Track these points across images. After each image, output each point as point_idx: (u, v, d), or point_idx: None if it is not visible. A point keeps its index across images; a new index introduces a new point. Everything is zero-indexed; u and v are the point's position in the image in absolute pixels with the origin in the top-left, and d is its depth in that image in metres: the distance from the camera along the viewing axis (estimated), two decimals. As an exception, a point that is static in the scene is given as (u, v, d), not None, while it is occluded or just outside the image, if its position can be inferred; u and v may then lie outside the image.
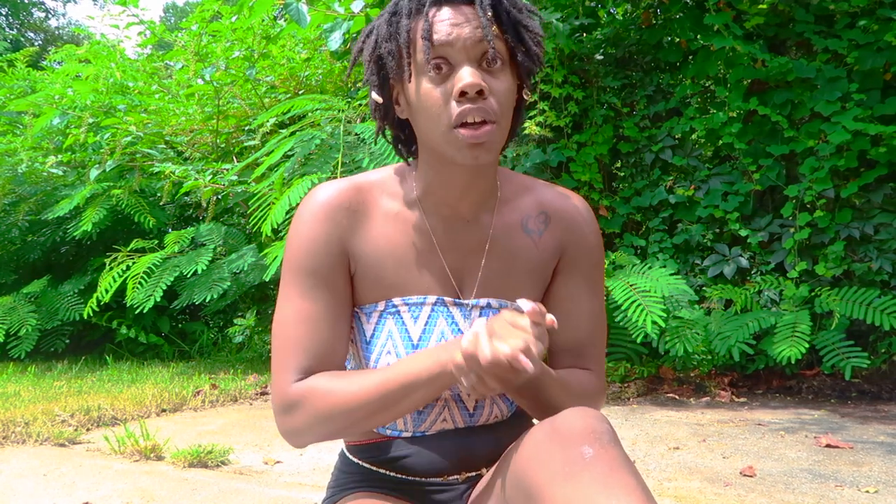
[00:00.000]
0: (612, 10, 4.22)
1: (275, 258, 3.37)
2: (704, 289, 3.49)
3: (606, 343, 1.06)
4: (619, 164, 3.98)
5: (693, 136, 3.77)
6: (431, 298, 0.94)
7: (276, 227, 3.29)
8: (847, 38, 3.29)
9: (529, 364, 0.73)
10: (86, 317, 4.45)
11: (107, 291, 4.19)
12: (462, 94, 0.83)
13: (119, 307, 5.00)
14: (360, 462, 1.01)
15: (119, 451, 2.42)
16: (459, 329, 0.94)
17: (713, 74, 3.73)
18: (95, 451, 2.50)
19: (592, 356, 1.02)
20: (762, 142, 3.51)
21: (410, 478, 0.98)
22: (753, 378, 3.51)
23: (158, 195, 5.18)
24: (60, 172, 5.42)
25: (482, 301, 0.96)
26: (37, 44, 17.56)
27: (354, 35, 2.98)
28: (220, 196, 4.64)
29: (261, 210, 3.52)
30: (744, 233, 3.49)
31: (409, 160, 0.99)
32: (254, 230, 3.89)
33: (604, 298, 1.06)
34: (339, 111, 3.63)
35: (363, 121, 3.63)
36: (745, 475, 2.07)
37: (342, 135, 3.49)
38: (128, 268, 4.27)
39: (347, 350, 0.96)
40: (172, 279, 4.28)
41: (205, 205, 4.66)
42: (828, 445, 2.38)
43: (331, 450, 2.43)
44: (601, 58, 3.95)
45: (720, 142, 3.69)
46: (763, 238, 3.49)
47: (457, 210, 0.95)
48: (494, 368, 0.75)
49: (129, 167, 5.18)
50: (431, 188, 0.95)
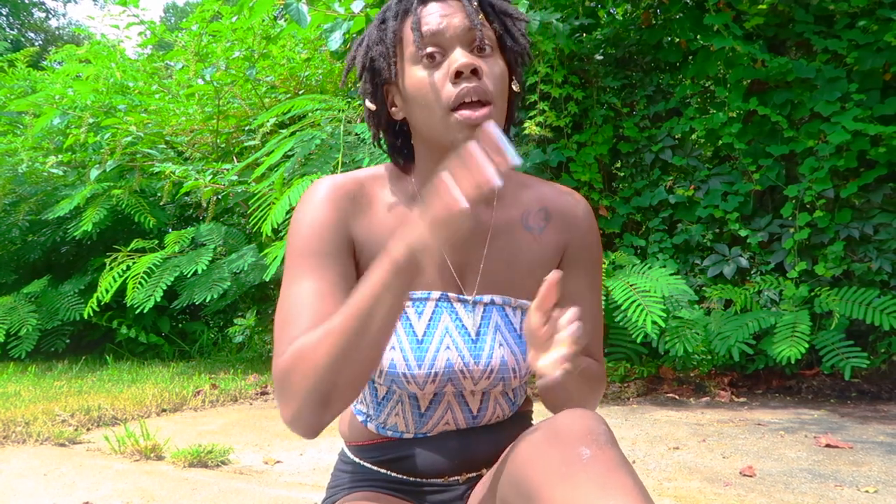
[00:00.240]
0: (612, 11, 4.22)
1: (275, 258, 3.37)
2: (704, 289, 3.49)
3: (605, 342, 1.06)
4: (619, 164, 3.98)
5: (693, 136, 3.77)
6: (435, 294, 0.94)
7: (277, 227, 3.29)
8: (847, 39, 3.29)
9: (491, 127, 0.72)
10: (86, 317, 4.45)
11: (107, 291, 4.19)
12: (458, 75, 0.84)
13: (119, 307, 5.00)
14: (361, 462, 1.01)
15: (119, 451, 2.42)
16: (463, 325, 0.94)
17: (713, 74, 3.73)
18: (95, 451, 2.50)
19: (594, 350, 1.03)
20: (762, 142, 3.51)
21: (411, 478, 0.98)
22: (753, 378, 3.51)
23: (158, 195, 5.19)
24: (61, 172, 5.43)
25: (486, 297, 0.95)
26: (37, 44, 17.57)
27: (354, 35, 2.98)
28: (221, 196, 4.64)
29: (261, 210, 3.52)
30: (744, 233, 3.50)
31: (401, 162, 0.99)
32: (254, 230, 3.90)
33: (601, 293, 1.06)
34: (339, 111, 3.64)
35: (363, 121, 3.63)
36: (745, 475, 2.07)
37: (342, 135, 3.50)
38: (128, 268, 4.27)
39: None
40: (172, 279, 4.29)
41: (205, 205, 4.66)
42: (827, 445, 2.39)
43: (331, 450, 2.43)
44: (601, 58, 3.95)
45: (720, 142, 3.69)
46: (763, 238, 3.49)
47: None
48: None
49: (130, 167, 5.18)
50: (431, 181, 0.94)
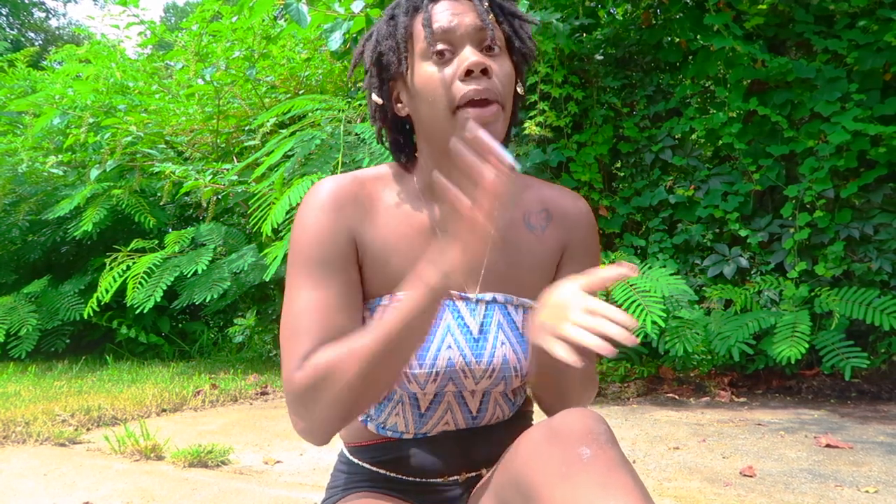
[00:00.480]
0: (612, 11, 4.22)
1: (275, 258, 3.37)
2: (704, 289, 3.49)
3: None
4: (619, 164, 3.98)
5: (693, 136, 3.77)
6: None
7: (277, 227, 3.29)
8: (847, 39, 3.29)
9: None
10: (86, 317, 4.45)
11: (107, 291, 4.19)
12: (468, 74, 0.84)
13: (119, 307, 5.01)
14: (361, 462, 1.01)
15: (119, 451, 2.42)
16: (465, 324, 0.93)
17: (713, 74, 3.73)
18: (95, 451, 2.50)
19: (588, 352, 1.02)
20: (762, 142, 3.51)
21: (410, 478, 0.98)
22: (753, 378, 3.51)
23: (158, 195, 5.19)
24: (61, 172, 5.43)
25: (487, 296, 0.95)
26: (37, 44, 17.56)
27: (354, 35, 2.98)
28: (221, 196, 4.64)
29: (261, 210, 3.52)
30: (744, 233, 3.49)
31: (406, 163, 0.99)
32: (254, 230, 3.90)
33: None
34: (339, 111, 3.64)
35: (363, 121, 3.63)
36: (745, 475, 2.07)
37: (342, 135, 3.50)
38: (128, 268, 4.27)
39: None
40: (172, 279, 4.29)
41: (205, 205, 4.66)
42: (827, 445, 2.39)
43: (331, 450, 2.43)
44: (601, 58, 3.95)
45: (720, 142, 3.69)
46: (763, 238, 3.49)
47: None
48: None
49: (130, 167, 5.18)
50: (432, 181, 0.94)
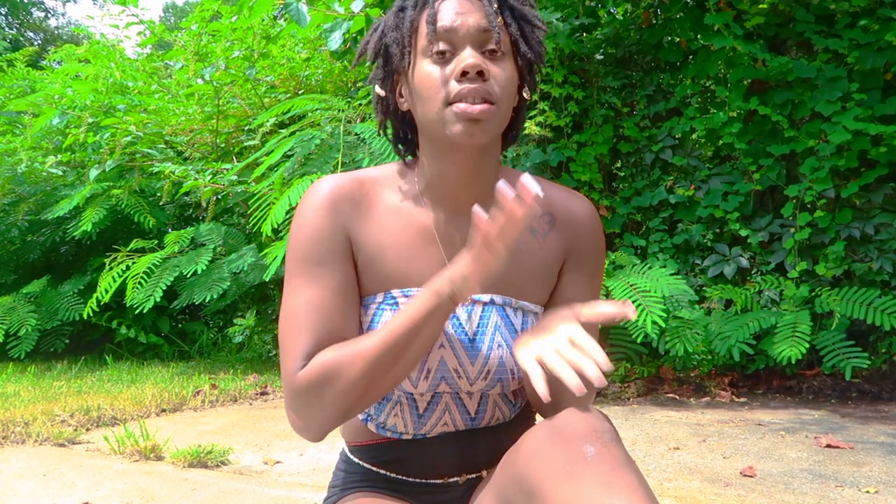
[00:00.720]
0: (612, 10, 4.22)
1: (275, 258, 3.36)
2: (704, 289, 3.49)
3: (602, 345, 1.04)
4: (619, 164, 3.98)
5: (693, 136, 3.77)
6: None
7: (276, 227, 3.29)
8: (847, 38, 3.29)
9: (534, 185, 0.74)
10: (85, 317, 4.45)
11: (106, 291, 4.19)
12: (463, 74, 0.84)
13: (119, 307, 5.00)
14: (361, 462, 1.01)
15: (119, 451, 2.41)
16: (460, 324, 0.92)
17: (713, 74, 3.73)
18: (95, 451, 2.50)
19: None
20: (762, 142, 3.51)
21: (410, 479, 0.98)
22: (753, 378, 3.51)
23: (158, 195, 5.18)
24: (60, 172, 5.42)
25: (485, 297, 0.94)
26: (36, 43, 17.55)
27: (354, 35, 2.98)
28: (220, 196, 4.64)
29: (261, 210, 3.52)
30: (744, 233, 3.49)
31: (408, 159, 0.99)
32: (254, 230, 3.89)
33: (599, 299, 1.04)
34: (339, 111, 3.64)
35: (363, 121, 3.63)
36: (746, 475, 2.07)
37: (342, 135, 3.49)
38: (127, 268, 4.26)
39: (356, 334, 0.92)
40: (172, 279, 4.28)
41: (205, 205, 4.66)
42: (828, 446, 2.38)
43: (331, 450, 2.43)
44: (601, 58, 3.95)
45: (720, 142, 3.69)
46: (763, 238, 3.49)
47: (459, 203, 0.94)
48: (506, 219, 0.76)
49: (129, 167, 5.18)
50: (433, 181, 0.94)
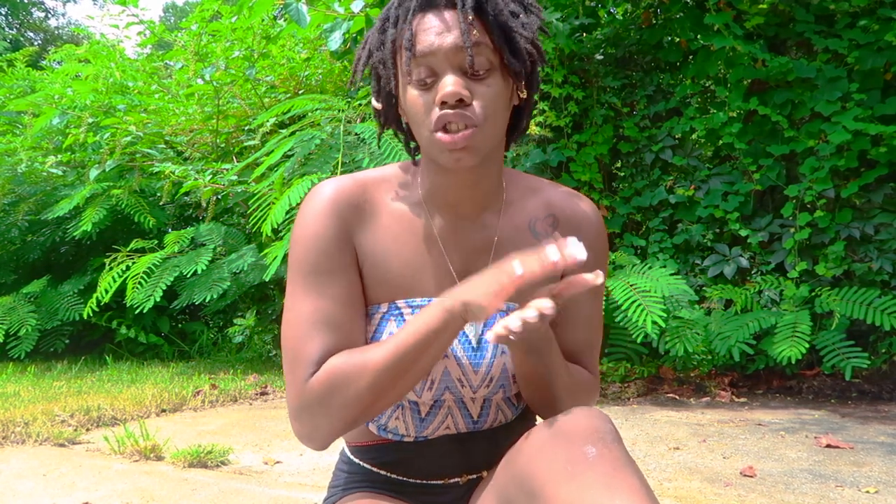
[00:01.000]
0: (612, 10, 4.22)
1: (275, 258, 3.36)
2: (704, 289, 3.49)
3: (605, 344, 1.04)
4: (619, 164, 3.98)
5: (693, 136, 3.77)
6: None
7: (276, 227, 3.29)
8: (847, 38, 3.29)
9: (556, 256, 0.75)
10: (85, 317, 4.45)
11: (106, 291, 4.19)
12: (444, 103, 0.82)
13: (119, 307, 5.00)
14: (362, 463, 1.01)
15: (119, 452, 2.41)
16: (464, 332, 0.92)
17: (713, 74, 3.73)
18: (95, 451, 2.50)
19: (589, 360, 1.00)
20: (762, 142, 3.51)
21: (411, 480, 0.98)
22: (753, 378, 3.51)
23: (158, 195, 5.18)
24: (60, 172, 5.42)
25: None
26: (36, 44, 17.55)
27: (354, 35, 2.98)
28: (220, 196, 4.64)
29: (261, 210, 3.51)
30: (744, 233, 3.49)
31: (418, 158, 0.98)
32: (254, 230, 3.89)
33: (603, 301, 1.04)
34: (339, 111, 3.63)
35: (363, 121, 3.63)
36: (746, 475, 2.07)
37: (342, 135, 3.49)
38: (127, 268, 4.26)
39: (363, 342, 0.92)
40: (172, 279, 4.28)
41: (205, 205, 4.66)
42: (828, 445, 2.38)
43: (331, 450, 2.41)
44: (601, 58, 3.95)
45: (720, 142, 3.69)
46: (763, 238, 3.49)
47: (461, 211, 0.94)
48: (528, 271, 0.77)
49: (129, 167, 5.18)
50: (434, 189, 0.93)
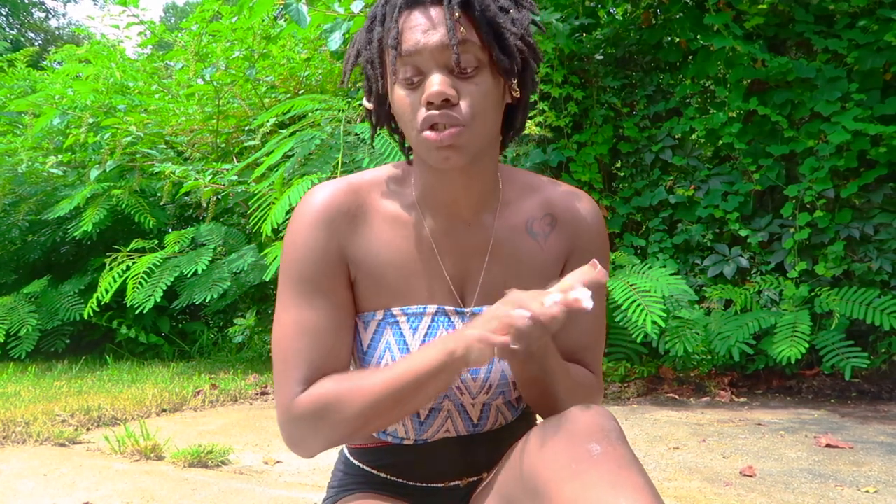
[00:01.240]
0: (612, 10, 4.22)
1: (275, 258, 3.37)
2: (704, 289, 3.49)
3: (605, 344, 1.03)
4: (619, 164, 3.98)
5: (693, 136, 3.77)
6: (431, 308, 0.91)
7: (276, 227, 3.29)
8: (847, 38, 3.29)
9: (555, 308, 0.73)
10: (86, 317, 4.45)
11: (107, 291, 4.19)
12: (430, 103, 0.81)
13: (119, 307, 5.00)
14: (361, 465, 1.01)
15: (119, 451, 2.42)
16: None
17: (713, 74, 3.73)
18: (95, 451, 2.50)
19: (592, 360, 0.99)
20: (762, 142, 3.51)
21: (411, 483, 0.98)
22: (753, 378, 3.51)
23: (158, 195, 5.18)
24: (60, 172, 5.42)
25: (484, 308, 0.92)
26: (37, 44, 17.55)
27: (354, 35, 2.98)
28: (220, 196, 4.64)
29: (261, 210, 3.52)
30: (744, 233, 3.49)
31: (412, 157, 0.97)
32: (254, 230, 3.89)
33: (605, 300, 1.02)
34: (339, 111, 3.64)
35: (363, 121, 3.62)
36: (745, 475, 2.07)
37: (342, 135, 3.49)
38: (128, 268, 4.26)
39: (350, 357, 0.93)
40: (172, 279, 4.28)
41: (205, 205, 4.65)
42: (828, 445, 2.38)
43: (331, 450, 2.42)
44: (601, 58, 3.95)
45: (720, 142, 3.69)
46: (763, 238, 3.49)
47: (456, 212, 0.92)
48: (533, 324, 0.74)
49: (130, 167, 5.18)
50: (428, 189, 0.92)
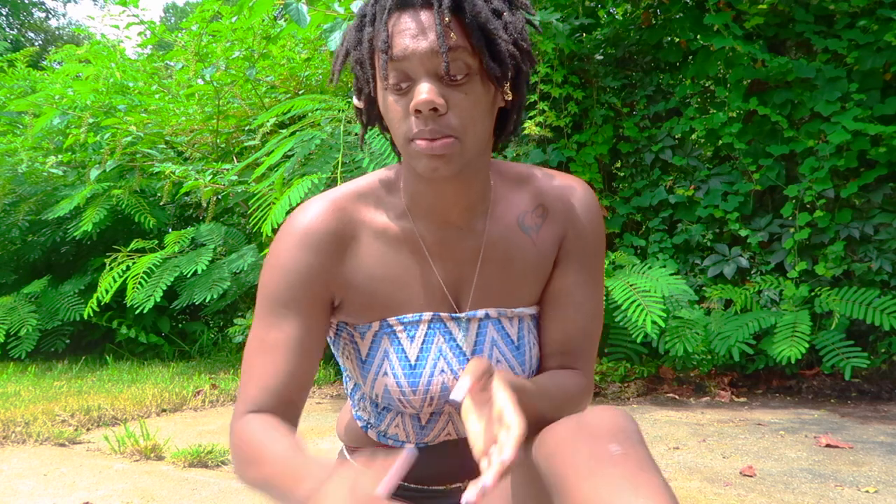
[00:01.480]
0: (612, 11, 4.22)
1: (275, 258, 3.36)
2: (704, 289, 3.49)
3: (600, 339, 1.01)
4: (619, 164, 3.98)
5: (693, 136, 3.77)
6: (427, 315, 0.91)
7: (276, 227, 3.29)
8: (847, 38, 3.29)
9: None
10: (86, 317, 4.44)
11: (107, 291, 4.19)
12: (418, 111, 0.79)
13: (119, 307, 4.99)
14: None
15: (119, 451, 2.42)
16: (458, 345, 0.91)
17: (713, 74, 3.73)
18: (95, 451, 2.50)
19: (582, 354, 0.97)
20: (762, 142, 3.51)
21: (412, 485, 0.98)
22: (753, 378, 3.51)
23: (158, 195, 5.18)
24: (60, 172, 5.42)
25: (480, 312, 0.92)
26: (37, 44, 17.56)
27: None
28: (220, 196, 4.64)
29: (261, 210, 3.51)
30: (744, 233, 3.49)
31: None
32: (254, 230, 3.89)
33: (602, 291, 1.00)
34: (339, 111, 3.64)
35: (362, 120, 3.62)
36: (745, 475, 2.07)
37: (342, 135, 3.49)
38: (128, 268, 4.26)
39: (309, 384, 0.90)
40: (172, 279, 4.28)
41: (205, 205, 4.65)
42: (828, 445, 2.39)
43: (332, 450, 2.43)
44: (601, 58, 3.95)
45: (720, 142, 3.69)
46: (763, 238, 3.49)
47: (447, 218, 0.91)
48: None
49: (130, 167, 5.18)
50: (418, 196, 0.90)
